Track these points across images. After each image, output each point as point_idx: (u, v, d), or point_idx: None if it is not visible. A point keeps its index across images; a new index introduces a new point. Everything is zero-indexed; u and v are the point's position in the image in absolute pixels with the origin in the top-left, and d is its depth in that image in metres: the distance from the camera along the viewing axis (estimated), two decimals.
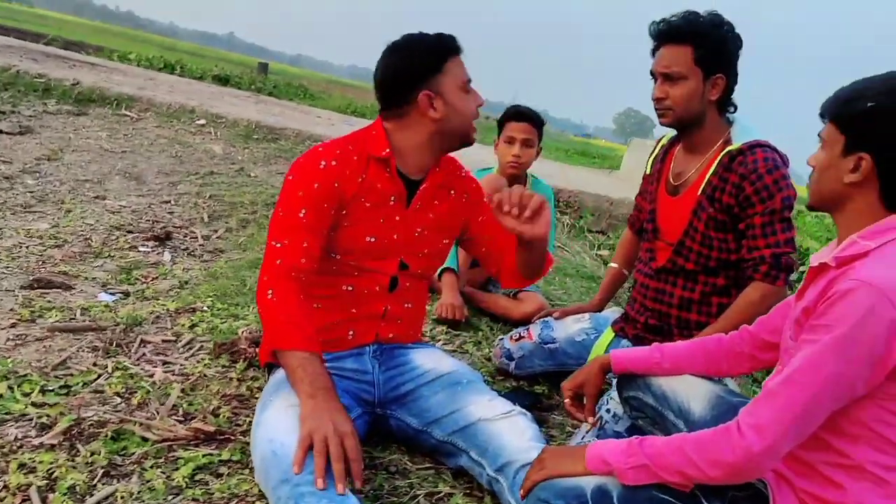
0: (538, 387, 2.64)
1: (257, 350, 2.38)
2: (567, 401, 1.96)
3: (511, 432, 1.82)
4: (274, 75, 18.97)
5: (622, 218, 5.88)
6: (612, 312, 2.66)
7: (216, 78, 12.24)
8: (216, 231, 3.73)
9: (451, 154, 2.13)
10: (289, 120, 6.77)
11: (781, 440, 1.35)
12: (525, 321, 3.01)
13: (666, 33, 2.17)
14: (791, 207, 2.11)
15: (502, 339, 2.72)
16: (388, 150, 1.95)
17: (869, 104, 1.39)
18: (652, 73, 2.23)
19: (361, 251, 1.94)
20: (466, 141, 2.02)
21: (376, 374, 1.98)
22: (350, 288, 1.97)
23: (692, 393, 1.82)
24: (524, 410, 1.90)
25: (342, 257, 1.95)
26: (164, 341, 2.48)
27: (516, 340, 2.63)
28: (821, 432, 1.41)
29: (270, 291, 1.79)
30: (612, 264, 2.78)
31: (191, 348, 2.46)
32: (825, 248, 1.58)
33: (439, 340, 2.88)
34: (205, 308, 2.78)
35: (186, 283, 3.04)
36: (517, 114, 3.24)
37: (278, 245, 1.85)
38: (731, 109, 2.26)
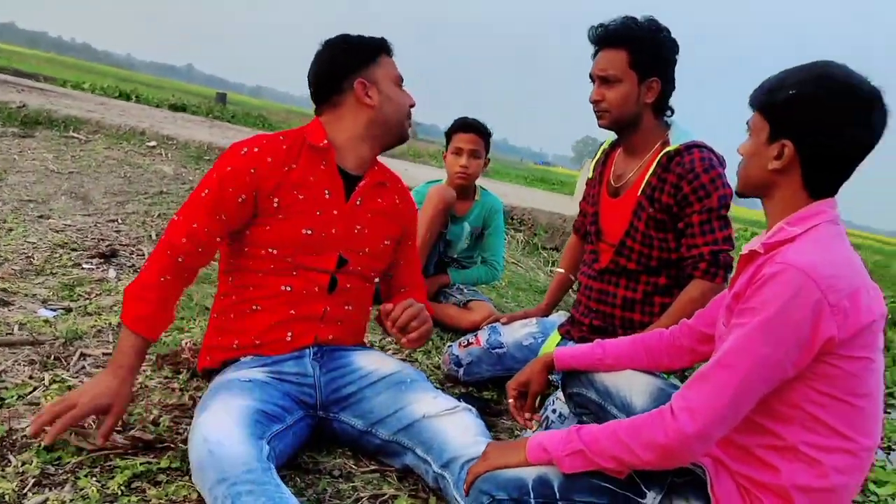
0: (487, 392, 2.64)
1: (194, 357, 2.34)
2: (511, 401, 1.96)
3: (456, 428, 1.82)
4: (233, 106, 18.87)
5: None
6: (559, 316, 2.68)
7: (173, 107, 12.12)
8: None
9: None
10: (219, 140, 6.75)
11: (713, 423, 1.36)
12: (474, 330, 3.01)
13: (603, 37, 2.22)
14: (728, 206, 2.16)
15: (451, 346, 2.72)
16: (326, 141, 1.97)
17: (790, 92, 1.43)
18: (591, 77, 2.28)
19: (298, 244, 1.94)
20: (402, 135, 2.07)
21: (317, 377, 1.96)
22: (288, 288, 1.96)
23: (634, 387, 1.84)
24: (469, 406, 1.90)
25: (279, 252, 1.94)
26: (104, 354, 2.42)
27: (465, 347, 2.63)
28: (754, 415, 1.43)
29: (144, 271, 1.88)
30: (559, 269, 2.81)
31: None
32: (755, 238, 1.62)
33: (388, 350, 2.86)
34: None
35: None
36: (464, 125, 3.27)
37: (174, 219, 1.91)
38: (668, 113, 2.31)
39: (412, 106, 2.07)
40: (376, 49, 2.04)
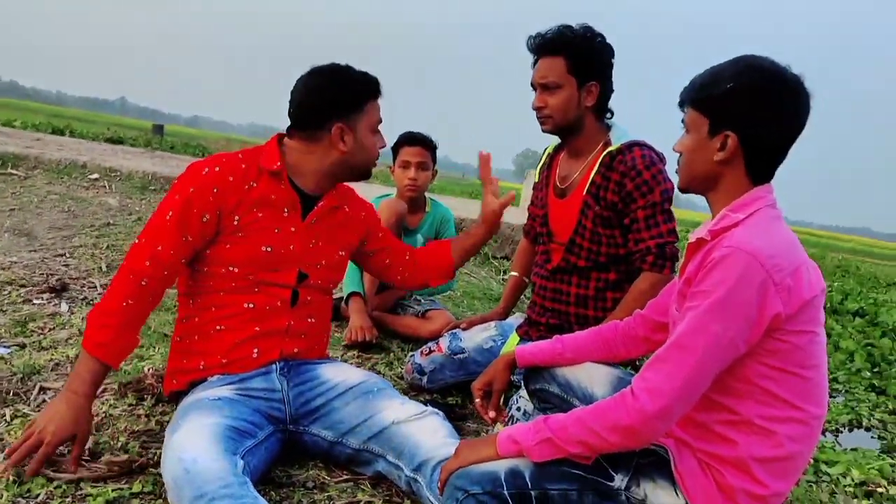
0: (451, 398, 2.68)
1: (158, 382, 2.34)
2: (477, 401, 2.00)
3: (425, 432, 1.86)
4: (170, 136, 18.60)
5: (518, 238, 6.04)
6: (516, 319, 2.74)
7: (109, 140, 11.87)
8: None
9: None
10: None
11: (673, 401, 1.43)
12: (433, 338, 3.06)
13: (541, 46, 2.31)
14: (670, 200, 2.26)
15: (412, 355, 2.76)
16: (278, 164, 1.99)
17: (728, 85, 1.52)
18: (532, 85, 2.36)
19: (259, 262, 1.96)
20: (365, 176, 2.10)
21: (285, 392, 1.98)
22: (251, 305, 1.99)
23: (594, 378, 1.91)
24: (436, 410, 1.95)
25: (240, 270, 1.96)
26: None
27: (427, 355, 2.67)
28: (711, 393, 1.51)
29: (107, 296, 1.89)
30: (512, 272, 2.88)
31: (101, 396, 2.38)
32: (700, 227, 1.70)
33: (351, 363, 2.89)
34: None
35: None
36: (410, 139, 3.32)
37: (136, 242, 1.92)
38: (609, 115, 2.40)
39: (382, 147, 2.12)
40: (366, 95, 2.03)
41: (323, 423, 1.97)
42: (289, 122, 2.06)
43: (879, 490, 3.50)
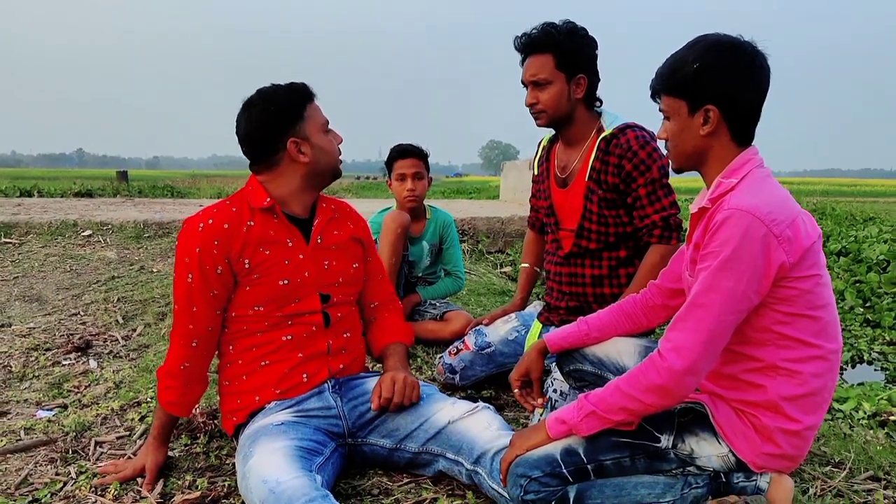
0: (485, 391, 2.80)
1: (216, 421, 2.45)
2: (516, 391, 2.13)
3: (479, 426, 1.98)
4: (135, 181, 18.51)
5: (516, 234, 6.18)
6: (534, 307, 2.87)
7: (78, 195, 11.82)
8: (135, 330, 3.73)
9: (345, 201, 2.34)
10: (174, 213, 6.75)
11: (698, 356, 1.57)
12: (456, 338, 3.18)
13: (528, 45, 2.43)
14: (667, 174, 2.39)
15: (441, 356, 2.88)
16: (269, 199, 2.09)
17: (695, 66, 1.66)
18: (523, 83, 2.48)
19: (280, 296, 2.07)
20: (336, 174, 2.20)
21: (340, 407, 2.10)
22: (289, 337, 2.10)
23: (623, 351, 2.04)
24: (487, 405, 2.07)
25: (266, 308, 2.08)
26: (118, 438, 2.49)
27: (455, 354, 2.79)
28: (734, 346, 1.65)
29: (167, 359, 2.12)
30: (524, 264, 2.99)
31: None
32: (698, 197, 1.84)
33: None
34: (149, 399, 2.80)
35: (121, 382, 3.04)
36: (402, 151, 3.44)
37: (177, 308, 2.07)
38: (598, 104, 2.53)
39: (340, 143, 2.19)
40: (301, 102, 2.09)
41: (380, 433, 2.09)
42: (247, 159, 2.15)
43: (892, 418, 3.67)
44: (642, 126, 2.45)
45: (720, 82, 1.64)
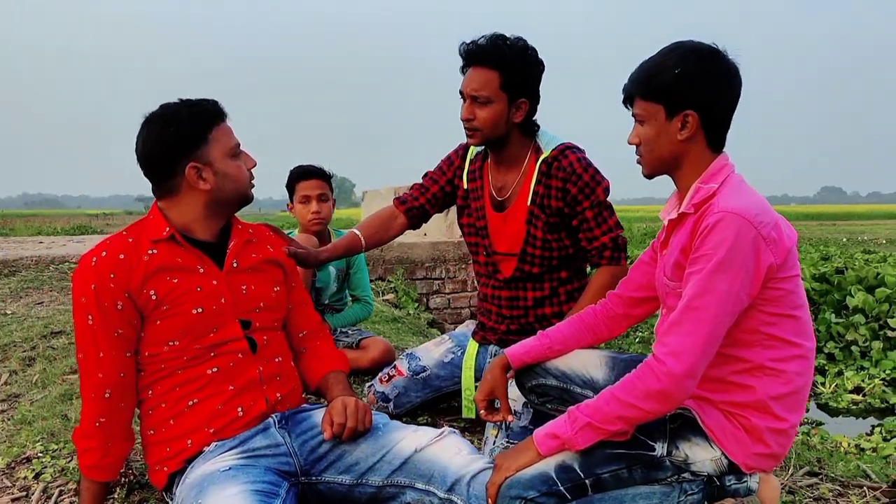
0: (420, 418, 2.68)
1: (129, 471, 2.17)
2: (482, 411, 2.04)
3: (449, 452, 1.86)
4: None
5: (395, 260, 6.09)
6: (467, 326, 2.79)
7: None
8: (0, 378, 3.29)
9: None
10: (16, 250, 6.11)
11: (697, 358, 1.56)
12: (375, 366, 3.05)
13: (476, 55, 2.30)
14: (608, 194, 2.38)
15: (371, 384, 2.73)
16: (168, 229, 1.89)
17: (676, 71, 1.66)
18: (461, 93, 2.36)
19: (195, 328, 1.88)
20: (245, 201, 2.01)
21: (289, 444, 1.91)
22: (214, 369, 1.90)
23: (588, 363, 2.01)
24: (452, 429, 1.95)
25: (181, 342, 1.87)
26: (13, 500, 2.16)
27: (387, 381, 2.65)
28: (722, 348, 1.65)
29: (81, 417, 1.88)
30: (355, 230, 2.65)
31: (50, 497, 2.17)
32: (666, 206, 1.85)
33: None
34: (39, 454, 2.45)
35: None
36: (305, 172, 3.27)
37: (79, 356, 1.85)
38: (535, 128, 2.44)
39: (252, 167, 2.01)
40: (206, 123, 1.90)
41: (337, 469, 1.91)
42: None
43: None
44: (579, 146, 2.42)
45: (700, 88, 1.66)
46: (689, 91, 1.66)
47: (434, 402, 2.70)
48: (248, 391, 1.93)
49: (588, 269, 2.58)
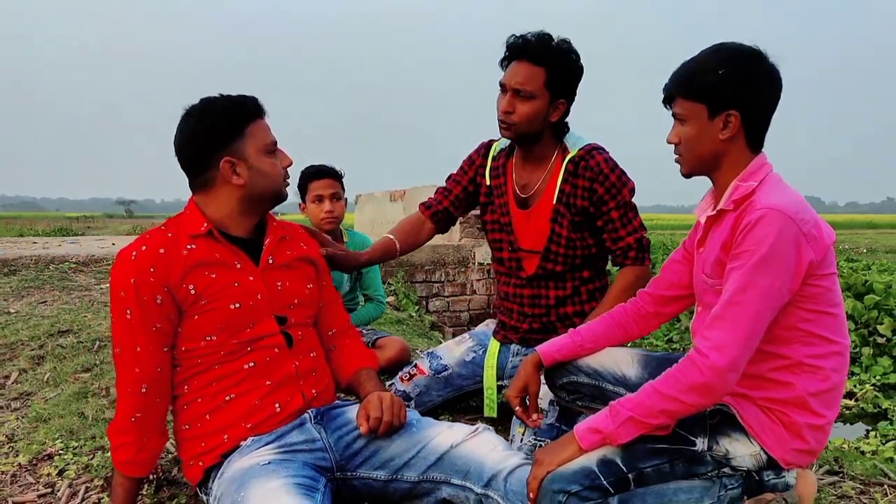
0: (440, 417, 2.68)
1: (157, 467, 2.16)
2: (517, 409, 2.05)
3: (485, 448, 1.87)
4: None
5: (395, 263, 6.08)
6: (486, 327, 2.79)
7: None
8: (9, 377, 3.25)
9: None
10: (13, 250, 6.04)
11: (739, 353, 1.58)
12: (392, 366, 3.05)
13: (524, 49, 2.29)
14: (634, 195, 2.41)
15: (392, 383, 2.73)
16: (206, 224, 1.90)
17: (720, 72, 1.70)
18: (501, 85, 2.35)
19: (233, 323, 1.88)
20: (280, 199, 2.02)
21: (325, 439, 1.91)
22: (252, 364, 1.91)
23: (620, 361, 2.03)
24: (487, 426, 1.96)
25: (219, 337, 1.88)
26: (39, 496, 2.15)
27: (408, 380, 2.66)
28: (761, 345, 1.67)
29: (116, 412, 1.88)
30: (388, 234, 2.64)
31: (77, 493, 2.16)
32: (701, 205, 1.88)
33: None
34: (60, 451, 2.44)
35: (13, 436, 2.63)
36: (318, 172, 3.27)
37: (116, 352, 1.84)
38: (566, 129, 2.45)
39: (289, 166, 2.02)
40: (243, 119, 1.90)
41: (373, 464, 1.92)
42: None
43: None
44: (604, 147, 2.44)
45: (742, 89, 1.69)
46: (731, 91, 1.69)
47: (454, 401, 2.71)
48: (285, 386, 1.94)
49: (609, 268, 2.61)
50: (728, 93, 1.69)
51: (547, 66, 2.29)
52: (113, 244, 7.07)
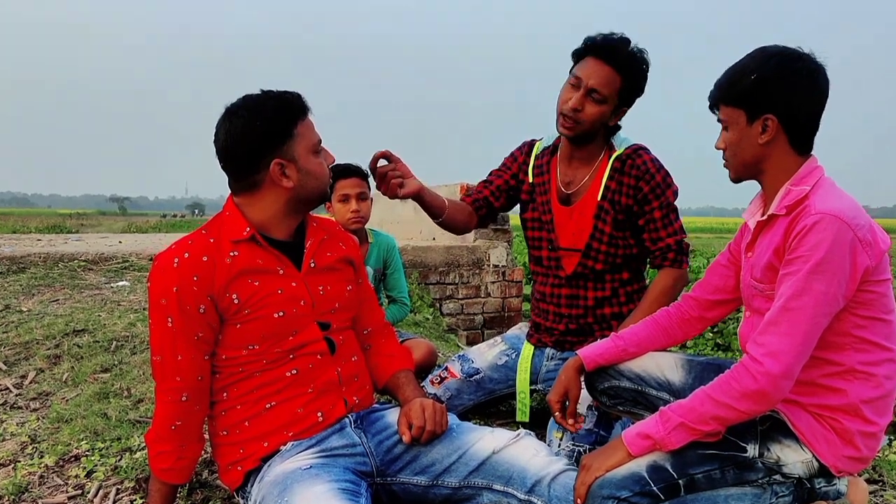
0: (472, 422, 2.65)
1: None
2: (557, 414, 2.03)
3: (528, 453, 1.84)
4: None
5: (409, 264, 6.05)
6: (518, 330, 2.76)
7: None
8: (25, 376, 3.22)
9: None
10: (20, 247, 5.99)
11: (794, 359, 1.56)
12: (418, 368, 3.01)
13: (608, 52, 2.27)
14: (677, 197, 2.40)
15: (422, 385, 2.70)
16: (248, 229, 1.84)
17: (753, 76, 1.68)
18: (576, 77, 2.31)
19: (276, 332, 1.84)
20: (323, 198, 1.98)
21: (366, 444, 1.89)
22: (294, 371, 1.88)
23: (663, 365, 2.00)
24: (528, 431, 1.94)
25: (262, 346, 1.84)
26: (70, 498, 2.12)
27: (439, 383, 2.63)
28: (813, 352, 1.64)
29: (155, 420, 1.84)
30: (444, 197, 2.61)
31: (108, 495, 2.13)
32: (749, 208, 1.85)
33: None
34: (86, 452, 2.40)
35: (36, 436, 2.60)
36: (345, 171, 3.23)
37: (155, 360, 1.80)
38: (616, 131, 2.46)
39: (332, 164, 1.97)
40: (292, 118, 1.83)
41: (413, 469, 1.89)
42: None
43: None
44: (650, 148, 2.43)
45: (778, 92, 1.66)
46: (766, 95, 1.67)
47: (485, 405, 2.69)
48: (328, 393, 1.91)
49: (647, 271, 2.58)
50: (763, 97, 1.67)
51: (624, 75, 2.29)
52: (120, 242, 7.02)
